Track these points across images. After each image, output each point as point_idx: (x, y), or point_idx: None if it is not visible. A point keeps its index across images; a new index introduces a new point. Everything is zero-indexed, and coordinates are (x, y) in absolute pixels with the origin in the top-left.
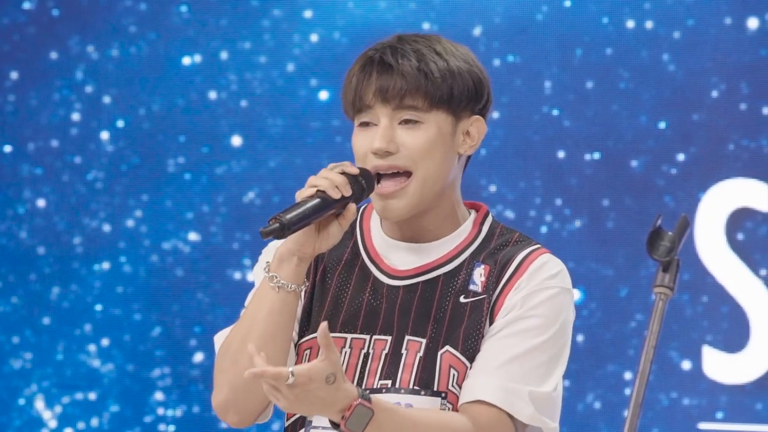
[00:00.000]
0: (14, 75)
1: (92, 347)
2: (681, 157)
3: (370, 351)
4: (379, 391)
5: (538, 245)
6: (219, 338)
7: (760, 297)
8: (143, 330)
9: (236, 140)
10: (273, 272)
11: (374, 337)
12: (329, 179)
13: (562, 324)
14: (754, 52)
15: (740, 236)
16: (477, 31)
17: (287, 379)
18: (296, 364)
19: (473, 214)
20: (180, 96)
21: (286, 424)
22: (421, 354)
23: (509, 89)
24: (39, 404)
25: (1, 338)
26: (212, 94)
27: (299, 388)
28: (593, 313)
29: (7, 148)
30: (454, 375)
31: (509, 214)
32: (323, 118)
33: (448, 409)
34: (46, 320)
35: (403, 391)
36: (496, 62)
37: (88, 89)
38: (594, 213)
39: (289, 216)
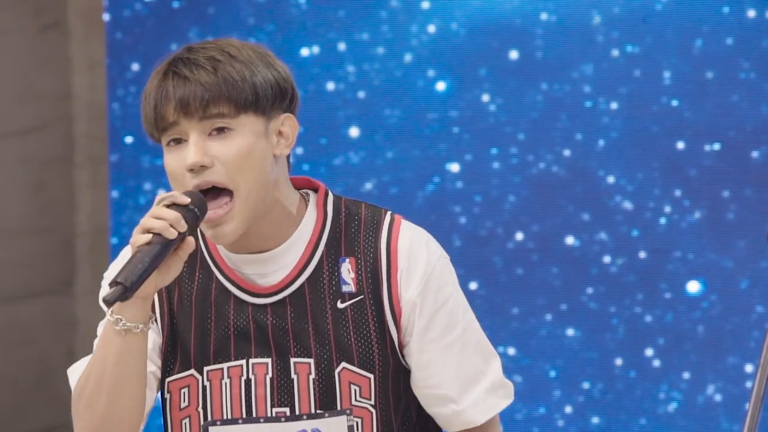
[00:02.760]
0: (135, 67)
1: None
2: None
3: (251, 377)
4: (277, 419)
5: (389, 214)
6: (73, 373)
7: None
8: None
9: (354, 131)
10: (117, 315)
11: (251, 361)
12: (163, 219)
13: (456, 289)
14: None
15: None
16: (596, 20)
17: None
18: (172, 402)
19: (312, 198)
20: (298, 87)
21: None
22: (313, 376)
23: (628, 80)
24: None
25: None
26: (330, 86)
27: None
28: (713, 305)
29: (129, 140)
30: (355, 390)
31: (627, 205)
32: (440, 109)
33: (357, 424)
34: None
35: (305, 417)
36: (615, 52)
37: None
38: (714, 204)
39: (131, 278)
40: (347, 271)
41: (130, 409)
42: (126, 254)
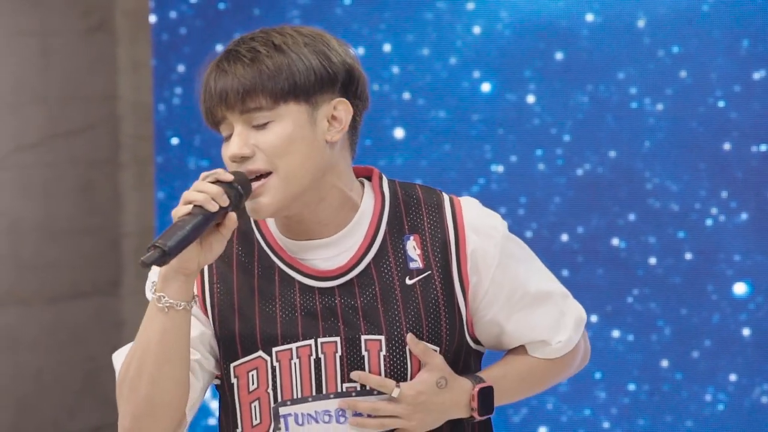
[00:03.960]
0: (181, 68)
1: None
2: None
3: (320, 355)
4: (347, 394)
5: (444, 193)
6: (117, 358)
7: None
8: None
9: (399, 132)
10: (159, 292)
11: (319, 340)
12: (204, 192)
13: (521, 246)
14: None
15: None
16: (641, 22)
17: (392, 391)
18: (239, 386)
19: (367, 184)
20: None
21: None
22: (384, 352)
23: (674, 81)
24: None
25: None
26: (375, 87)
27: (412, 403)
28: (760, 307)
29: (174, 141)
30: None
31: (674, 207)
32: (485, 110)
33: None
34: None
35: (375, 392)
36: (661, 53)
37: None
38: (761, 205)
39: (169, 243)
40: (413, 248)
41: (172, 392)
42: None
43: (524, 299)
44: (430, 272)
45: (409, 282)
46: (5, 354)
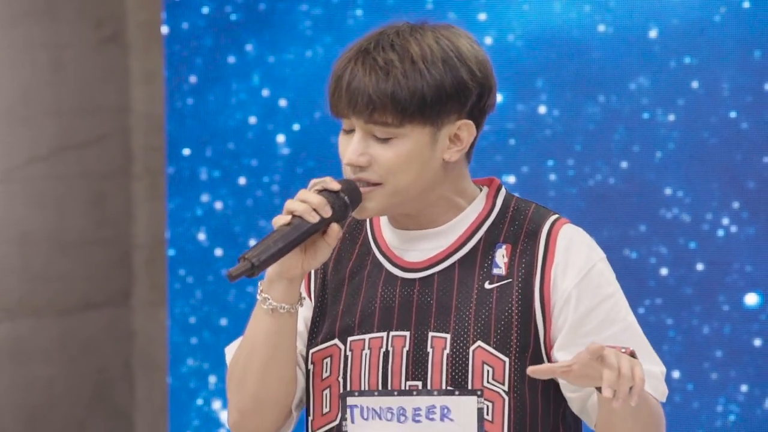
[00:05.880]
0: (193, 79)
1: None
2: None
3: (389, 349)
4: (409, 393)
5: (556, 215)
6: (229, 351)
7: None
8: None
9: None
10: (265, 294)
11: (391, 333)
12: (307, 202)
13: (618, 291)
14: None
15: None
16: (653, 32)
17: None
18: (314, 373)
19: (485, 189)
20: None
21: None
22: (448, 351)
23: (686, 91)
24: (216, 404)
25: (179, 339)
26: None
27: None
28: None
29: (186, 152)
30: (488, 371)
31: (685, 218)
32: (497, 121)
33: (487, 407)
34: (223, 321)
35: (435, 392)
36: (672, 64)
37: (265, 93)
38: None
39: (261, 256)
40: (501, 256)
41: (278, 390)
42: None
43: (598, 333)
44: (510, 280)
45: (487, 287)
46: (16, 365)
